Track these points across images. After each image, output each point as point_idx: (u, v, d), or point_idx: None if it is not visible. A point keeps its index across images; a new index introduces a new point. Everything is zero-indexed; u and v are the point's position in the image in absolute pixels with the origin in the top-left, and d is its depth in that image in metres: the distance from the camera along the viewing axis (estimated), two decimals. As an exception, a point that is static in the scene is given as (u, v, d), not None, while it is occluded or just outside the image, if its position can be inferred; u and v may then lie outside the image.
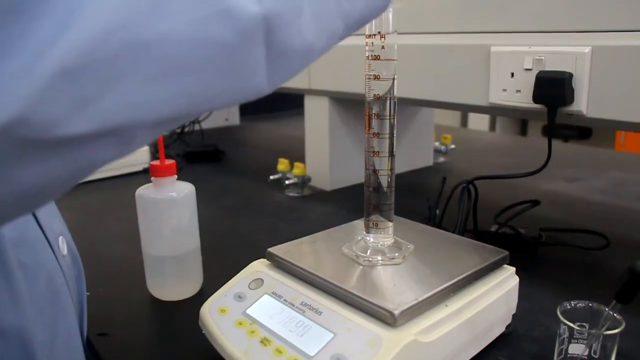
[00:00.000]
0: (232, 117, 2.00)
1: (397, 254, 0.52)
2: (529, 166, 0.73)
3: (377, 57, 0.46)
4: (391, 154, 0.51)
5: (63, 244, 0.47)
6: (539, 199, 0.80)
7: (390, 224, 0.53)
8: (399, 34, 0.48)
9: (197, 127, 1.56)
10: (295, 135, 1.68)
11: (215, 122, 1.89)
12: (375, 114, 0.48)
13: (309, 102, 1.10)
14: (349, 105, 1.07)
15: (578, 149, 1.49)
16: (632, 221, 0.91)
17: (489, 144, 1.61)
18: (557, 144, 1.64)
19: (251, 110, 2.16)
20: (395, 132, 0.51)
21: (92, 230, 0.90)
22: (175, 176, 0.64)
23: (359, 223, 0.59)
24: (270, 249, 0.55)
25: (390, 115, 0.49)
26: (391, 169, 0.51)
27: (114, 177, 1.22)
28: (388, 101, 0.48)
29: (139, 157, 1.29)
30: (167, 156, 0.58)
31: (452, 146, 1.38)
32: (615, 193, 1.06)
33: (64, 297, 0.44)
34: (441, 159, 1.34)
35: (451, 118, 3.27)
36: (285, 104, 2.12)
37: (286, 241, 0.59)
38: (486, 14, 0.73)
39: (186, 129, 1.57)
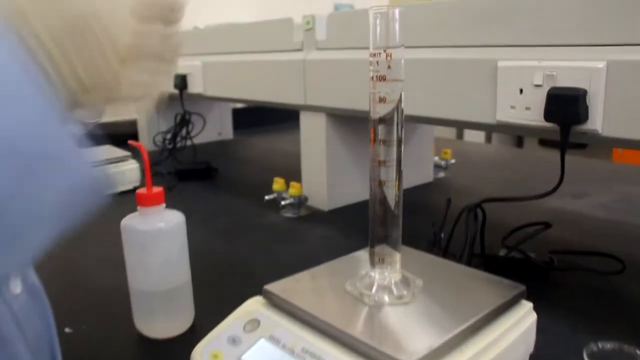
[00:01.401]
0: (226, 132, 1.96)
1: (405, 292, 0.47)
2: (531, 180, 0.69)
3: (382, 78, 0.42)
4: (398, 180, 0.46)
5: (15, 281, 0.42)
6: (546, 216, 0.76)
7: (398, 255, 0.49)
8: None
9: (188, 142, 1.52)
10: (291, 151, 1.63)
11: (207, 136, 1.84)
12: (381, 140, 0.43)
13: (305, 119, 1.05)
14: (348, 121, 1.03)
15: (578, 162, 1.46)
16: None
17: (487, 157, 1.57)
18: (554, 155, 1.61)
19: (245, 123, 2.12)
20: (402, 158, 0.47)
21: (74, 257, 0.85)
22: (164, 205, 0.59)
23: (363, 254, 0.55)
24: (267, 287, 0.51)
25: (397, 140, 0.44)
26: (398, 199, 0.47)
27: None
28: (395, 125, 0.43)
29: (129, 175, 1.24)
30: (158, 174, 0.55)
31: (452, 161, 1.34)
32: (624, 209, 1.02)
33: (12, 344, 0.39)
34: (441, 174, 1.30)
35: (447, 130, 3.23)
36: (280, 116, 2.08)
37: (284, 268, 0.55)
38: (492, 26, 0.70)
39: (178, 145, 1.52)
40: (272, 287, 0.50)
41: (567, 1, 0.62)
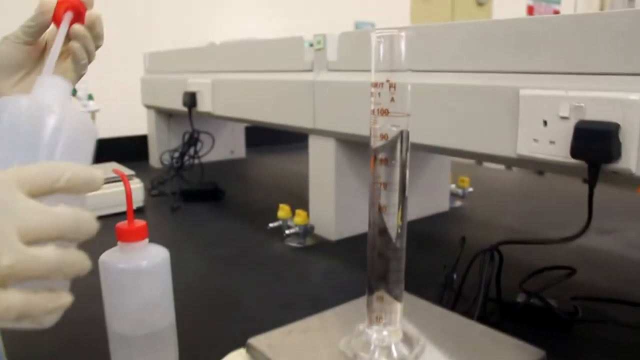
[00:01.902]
0: (238, 150, 1.91)
1: (407, 353, 0.41)
2: (553, 212, 0.62)
3: (384, 112, 0.36)
4: (402, 207, 0.41)
5: None
6: (569, 255, 0.70)
7: (399, 307, 0.43)
8: (413, 72, 0.38)
9: (197, 161, 1.47)
10: (302, 172, 1.58)
11: (219, 154, 1.80)
12: (382, 183, 0.38)
13: (314, 143, 1.00)
14: (358, 147, 0.97)
15: (600, 192, 1.38)
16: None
17: (507, 185, 1.50)
18: (577, 184, 1.53)
19: (258, 141, 2.07)
20: (407, 181, 0.41)
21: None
22: (147, 240, 0.54)
23: (362, 303, 0.49)
24: (252, 340, 0.45)
25: (400, 160, 0.39)
26: (401, 229, 0.41)
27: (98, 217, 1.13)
28: (398, 168, 0.38)
29: (133, 195, 1.19)
30: (163, 194, 0.50)
31: (470, 189, 1.28)
32: (654, 248, 0.95)
33: None
34: (458, 203, 1.23)
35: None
36: (294, 135, 2.04)
37: (281, 308, 0.50)
38: (515, 50, 0.64)
39: (187, 163, 1.48)
40: (257, 341, 0.45)
41: (598, 25, 0.56)
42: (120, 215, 1.11)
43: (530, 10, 4.68)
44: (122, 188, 1.18)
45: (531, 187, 1.44)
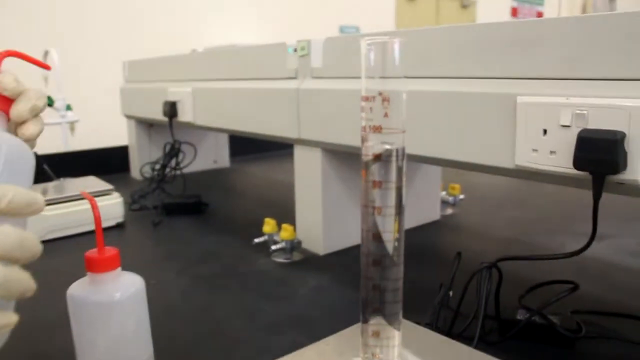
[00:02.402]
0: (222, 159, 1.87)
1: (407, 393, 0.37)
2: (548, 219, 0.59)
3: (377, 129, 0.32)
4: (399, 232, 0.37)
5: None
6: (567, 266, 0.66)
7: (396, 340, 0.39)
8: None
9: (179, 172, 1.42)
10: (288, 182, 1.54)
11: (203, 164, 1.76)
12: (376, 207, 0.34)
13: (299, 154, 0.96)
14: (346, 158, 0.93)
15: (589, 196, 1.35)
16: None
17: (500, 192, 1.47)
18: (571, 189, 1.50)
19: (243, 150, 2.03)
20: (403, 202, 0.37)
21: (31, 311, 0.75)
22: (119, 268, 0.49)
23: (356, 332, 0.44)
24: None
25: (397, 207, 0.35)
26: (397, 258, 0.37)
27: (75, 235, 1.08)
28: (393, 191, 0.34)
29: (112, 211, 1.15)
30: (144, 208, 0.46)
31: (461, 196, 1.24)
32: (653, 256, 0.92)
33: None
34: (449, 211, 1.20)
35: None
36: (278, 142, 1.99)
37: (268, 332, 0.45)
38: (511, 55, 0.60)
39: (168, 175, 1.43)
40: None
41: (601, 27, 0.53)
42: (89, 234, 1.06)
43: (514, 12, 4.69)
44: (102, 203, 1.13)
45: (522, 193, 1.41)
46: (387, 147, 0.33)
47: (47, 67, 0.50)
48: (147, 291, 0.52)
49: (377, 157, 0.33)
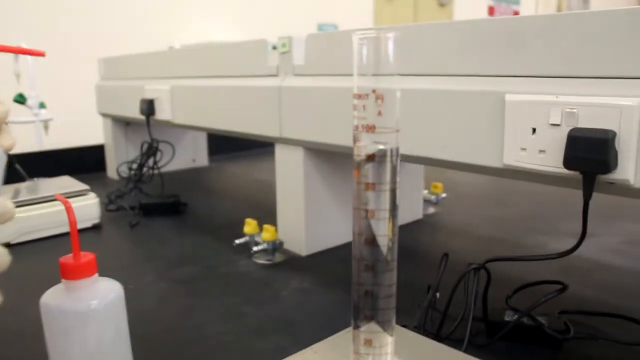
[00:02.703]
0: (200, 158, 1.84)
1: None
2: (530, 218, 0.58)
3: (370, 128, 0.31)
4: (393, 236, 0.35)
5: None
6: (551, 265, 0.65)
7: (390, 342, 0.37)
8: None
9: (156, 171, 1.39)
10: (269, 180, 1.52)
11: (181, 163, 1.73)
12: (369, 211, 0.32)
13: (281, 153, 0.94)
14: (328, 157, 0.91)
15: (568, 194, 1.36)
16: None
17: (481, 189, 1.47)
18: (543, 185, 1.51)
19: (222, 148, 2.00)
20: (397, 204, 0.35)
21: (0, 320, 0.72)
22: (96, 275, 0.47)
23: (347, 337, 0.43)
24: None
25: (391, 209, 0.33)
26: (390, 264, 0.35)
27: (49, 237, 1.05)
28: (388, 193, 0.32)
29: (88, 211, 1.12)
30: (121, 208, 0.44)
31: (443, 195, 1.24)
32: (634, 254, 0.92)
33: None
34: (431, 210, 1.19)
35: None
36: (257, 142, 1.97)
37: (251, 338, 0.43)
38: (500, 52, 0.59)
39: (146, 175, 1.39)
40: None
41: (591, 24, 0.52)
42: (63, 236, 1.03)
43: (491, 10, 4.72)
44: (77, 204, 1.10)
45: (504, 191, 1.41)
46: (381, 147, 0.31)
47: (41, 54, 0.48)
48: (125, 299, 0.49)
49: (371, 158, 0.32)
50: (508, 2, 5.04)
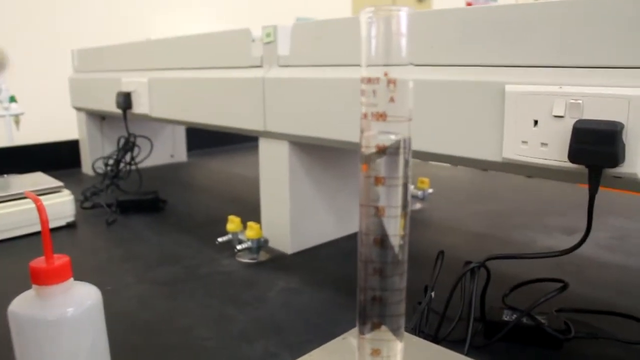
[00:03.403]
0: (179, 153, 1.79)
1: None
2: (518, 214, 0.56)
3: (382, 116, 0.28)
4: (404, 238, 0.32)
5: None
6: (543, 262, 0.63)
7: (399, 352, 0.35)
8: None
9: (134, 167, 1.34)
10: (251, 176, 1.48)
11: (158, 159, 1.68)
12: (379, 208, 0.29)
13: (265, 147, 0.90)
14: (314, 151, 0.88)
15: (555, 186, 1.35)
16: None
17: (467, 183, 1.45)
18: (529, 180, 1.50)
19: (201, 143, 1.96)
20: (409, 202, 0.32)
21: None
22: (71, 279, 0.43)
23: (348, 343, 0.40)
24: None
25: (403, 206, 0.30)
26: (401, 266, 0.32)
27: (21, 237, 1.00)
28: (400, 188, 0.29)
29: (62, 209, 1.07)
30: (97, 206, 0.40)
31: (430, 190, 1.21)
32: (625, 250, 0.91)
33: None
34: (418, 206, 1.16)
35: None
36: (240, 135, 1.93)
37: (237, 342, 0.40)
38: (499, 40, 0.56)
39: (122, 171, 1.34)
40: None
41: (597, 11, 0.49)
42: (35, 235, 0.98)
43: (469, 3, 4.73)
44: (51, 202, 1.05)
45: (490, 186, 1.40)
46: (393, 137, 0.28)
47: None
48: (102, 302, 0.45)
49: (382, 150, 0.28)
50: (486, -2, 5.05)
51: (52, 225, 1.04)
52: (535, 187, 1.35)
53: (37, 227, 0.99)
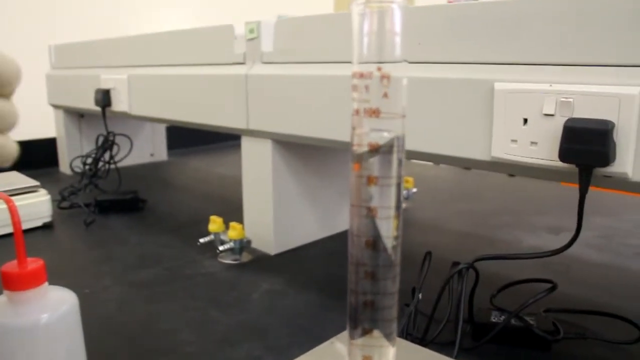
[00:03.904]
0: (159, 152, 1.76)
1: None
2: (502, 214, 0.55)
3: (375, 113, 0.26)
4: (397, 241, 0.31)
5: None
6: (528, 261, 0.62)
7: (391, 355, 0.33)
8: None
9: (113, 166, 1.31)
10: (231, 176, 1.46)
11: (138, 158, 1.65)
12: (371, 209, 0.27)
13: (247, 145, 0.89)
14: (298, 149, 0.87)
15: (537, 185, 1.35)
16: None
17: (450, 183, 1.45)
18: (503, 178, 1.50)
19: (181, 142, 1.93)
20: (401, 203, 0.31)
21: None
22: (46, 284, 0.41)
23: (330, 351, 0.38)
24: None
25: (397, 207, 0.29)
26: (393, 270, 0.31)
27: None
28: (393, 187, 0.28)
29: (39, 209, 1.04)
30: (75, 206, 0.38)
31: (414, 190, 1.21)
32: (610, 249, 0.91)
33: None
34: (403, 206, 1.15)
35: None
36: (221, 134, 1.91)
37: (220, 346, 0.38)
38: (488, 37, 0.55)
39: (101, 170, 1.31)
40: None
41: (590, 6, 0.48)
42: (27, 232, 0.95)
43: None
44: (27, 202, 1.02)
45: (473, 184, 1.40)
46: (386, 134, 0.27)
47: None
48: (79, 303, 0.43)
49: (374, 148, 0.27)
50: (467, -2, 5.08)
51: (28, 225, 1.02)
52: (517, 185, 1.35)
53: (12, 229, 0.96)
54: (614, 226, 1.02)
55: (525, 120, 0.52)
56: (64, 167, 1.56)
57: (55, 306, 0.40)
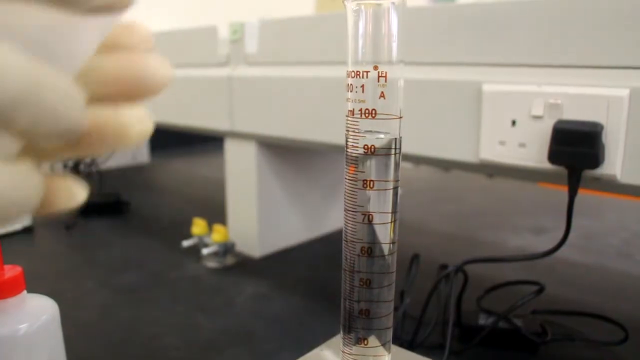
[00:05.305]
0: (141, 154, 1.74)
1: None
2: (485, 215, 0.55)
3: (371, 113, 0.25)
4: (393, 246, 0.30)
5: None
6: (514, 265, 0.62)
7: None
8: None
9: (94, 169, 1.29)
10: (214, 178, 1.45)
11: (119, 160, 1.62)
12: (368, 214, 0.27)
13: (231, 147, 0.87)
14: (283, 152, 0.86)
15: (518, 186, 1.36)
16: (632, 292, 0.75)
17: (433, 184, 1.45)
18: (483, 179, 1.51)
19: (164, 144, 1.90)
20: (398, 209, 0.30)
21: None
22: (24, 292, 0.40)
23: (320, 358, 0.37)
24: None
25: (393, 212, 0.28)
26: (388, 277, 0.30)
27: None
28: (390, 191, 0.27)
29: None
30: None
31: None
32: (593, 249, 0.91)
33: None
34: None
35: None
36: (204, 136, 1.89)
37: (208, 349, 0.37)
38: (476, 38, 0.55)
39: (82, 172, 1.29)
40: None
41: (579, 7, 0.48)
42: (4, 238, 0.93)
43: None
44: None
45: (457, 185, 1.40)
46: (382, 136, 0.26)
47: None
48: (60, 310, 0.42)
49: (370, 150, 0.26)
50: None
51: (6, 230, 0.99)
52: (498, 186, 1.36)
53: (-10, 233, 0.94)
54: (595, 226, 1.03)
55: (514, 122, 0.52)
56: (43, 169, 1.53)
57: (34, 316, 0.39)
